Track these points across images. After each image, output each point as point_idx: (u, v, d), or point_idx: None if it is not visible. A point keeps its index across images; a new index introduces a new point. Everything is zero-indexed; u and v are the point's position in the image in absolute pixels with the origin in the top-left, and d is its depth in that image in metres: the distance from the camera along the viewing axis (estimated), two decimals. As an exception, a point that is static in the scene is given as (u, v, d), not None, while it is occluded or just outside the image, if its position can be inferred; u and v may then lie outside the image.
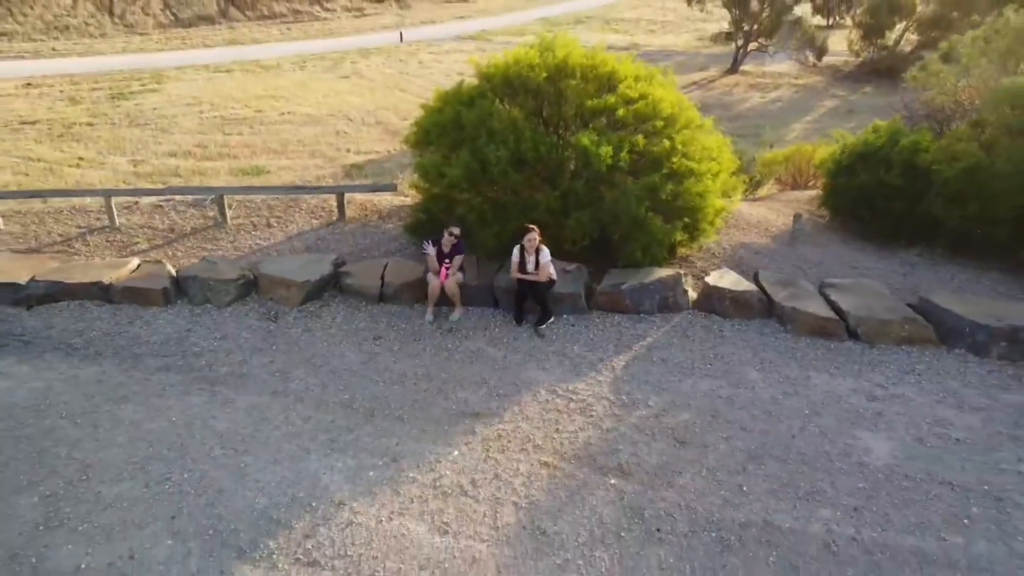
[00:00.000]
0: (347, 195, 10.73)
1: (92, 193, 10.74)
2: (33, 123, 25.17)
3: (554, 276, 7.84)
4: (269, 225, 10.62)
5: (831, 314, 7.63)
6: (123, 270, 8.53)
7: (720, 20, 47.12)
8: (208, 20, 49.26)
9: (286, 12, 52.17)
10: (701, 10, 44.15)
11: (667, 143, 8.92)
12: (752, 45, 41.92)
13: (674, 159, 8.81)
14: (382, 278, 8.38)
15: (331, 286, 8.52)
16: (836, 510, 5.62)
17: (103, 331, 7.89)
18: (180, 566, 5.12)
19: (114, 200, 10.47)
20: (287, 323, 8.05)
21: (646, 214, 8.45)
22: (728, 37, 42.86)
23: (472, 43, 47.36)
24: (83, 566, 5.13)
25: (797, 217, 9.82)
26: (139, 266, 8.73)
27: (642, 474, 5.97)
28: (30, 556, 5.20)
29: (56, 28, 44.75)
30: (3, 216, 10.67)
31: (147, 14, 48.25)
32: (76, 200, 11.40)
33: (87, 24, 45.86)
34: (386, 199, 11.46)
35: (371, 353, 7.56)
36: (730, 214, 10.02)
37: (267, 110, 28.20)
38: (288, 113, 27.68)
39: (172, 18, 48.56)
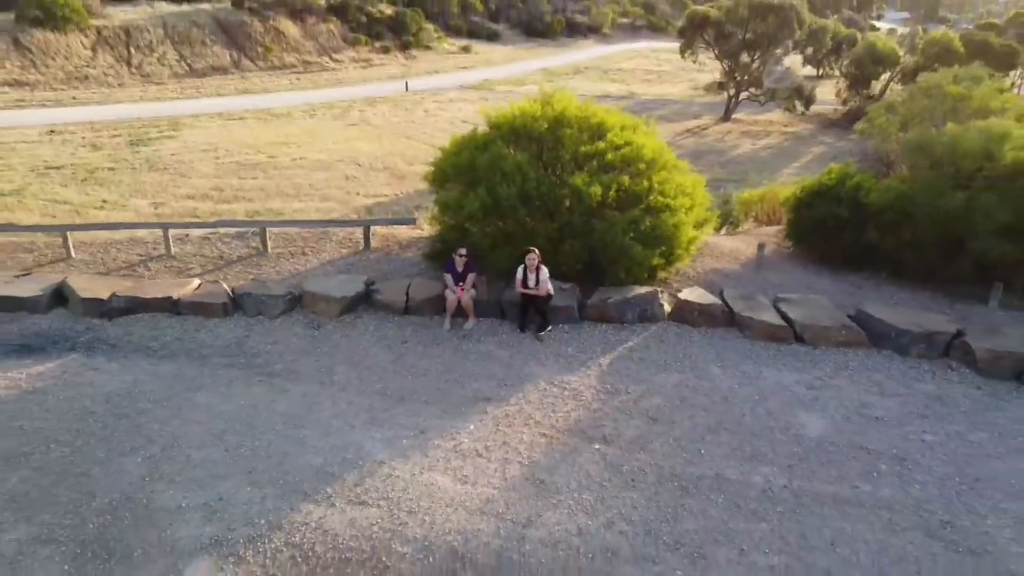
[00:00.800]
0: (372, 228, 12.56)
1: (150, 226, 12.59)
2: (58, 168, 27.26)
3: (551, 291, 9.59)
4: (304, 253, 12.42)
5: (781, 322, 9.35)
6: (187, 288, 10.30)
7: (713, 71, 49.97)
8: (221, 70, 52.12)
9: (296, 63, 55.12)
10: (694, 62, 46.91)
11: (647, 183, 10.78)
12: (744, 95, 44.55)
13: (652, 196, 10.65)
14: (407, 294, 10.14)
15: (363, 301, 10.27)
16: (774, 467, 7.24)
17: (174, 337, 9.60)
18: (259, 506, 6.72)
19: (170, 232, 12.28)
20: (328, 331, 9.77)
21: (629, 242, 10.25)
22: (721, 87, 45.58)
23: (475, 92, 50.08)
24: (183, 505, 6.73)
25: (761, 246, 11.62)
26: (200, 285, 10.50)
27: (621, 442, 7.60)
28: (141, 499, 6.80)
29: (76, 78, 47.45)
30: (73, 246, 12.47)
31: (163, 65, 51.11)
32: (137, 232, 13.22)
33: (106, 74, 48.60)
34: (405, 231, 13.30)
35: (399, 354, 9.26)
36: (704, 243, 11.84)
37: (279, 156, 30.38)
38: (300, 159, 29.85)
39: (187, 68, 51.42)
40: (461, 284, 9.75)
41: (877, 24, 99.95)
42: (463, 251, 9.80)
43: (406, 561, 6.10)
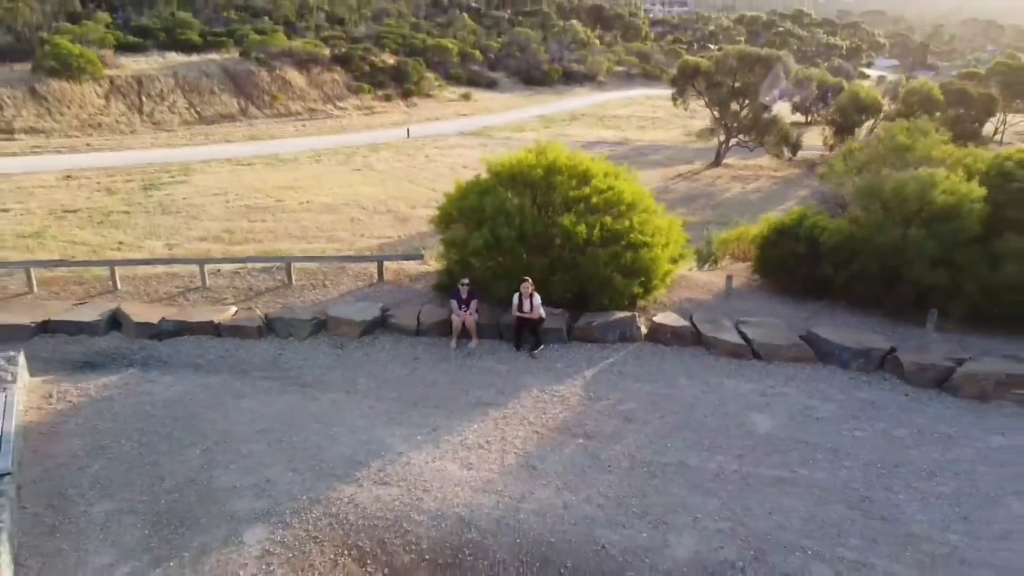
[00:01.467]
0: (385, 263, 14.31)
1: (188, 261, 14.34)
2: (75, 211, 29.13)
3: (543, 315, 11.26)
4: (324, 285, 14.13)
5: (741, 341, 11.01)
6: (226, 314, 11.97)
7: (705, 117, 52.41)
8: (229, 118, 54.65)
9: (301, 110, 57.75)
10: (685, 109, 49.43)
11: (627, 222, 12.56)
12: (734, 140, 46.83)
13: (632, 234, 12.42)
14: (418, 318, 11.82)
15: (380, 325, 11.94)
16: (727, 456, 8.82)
17: (217, 355, 11.24)
18: (300, 486, 8.27)
19: (205, 267, 14.01)
20: (350, 350, 11.42)
21: (611, 274, 11.98)
22: (711, 133, 47.94)
23: (475, 139, 52.44)
24: (236, 486, 8.28)
25: (729, 278, 13.36)
26: (236, 312, 12.18)
27: (601, 437, 9.20)
28: (203, 480, 8.36)
29: (90, 125, 49.86)
30: (119, 280, 14.17)
31: (173, 112, 53.66)
32: (173, 267, 14.95)
33: (118, 122, 51.05)
34: (413, 266, 15.04)
35: (412, 368, 10.89)
36: (679, 276, 13.58)
37: (287, 199, 32.30)
38: (306, 202, 31.78)
39: (196, 116, 53.95)
40: (465, 309, 11.43)
41: (867, 71, 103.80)
42: (466, 281, 11.52)
43: (423, 527, 7.64)
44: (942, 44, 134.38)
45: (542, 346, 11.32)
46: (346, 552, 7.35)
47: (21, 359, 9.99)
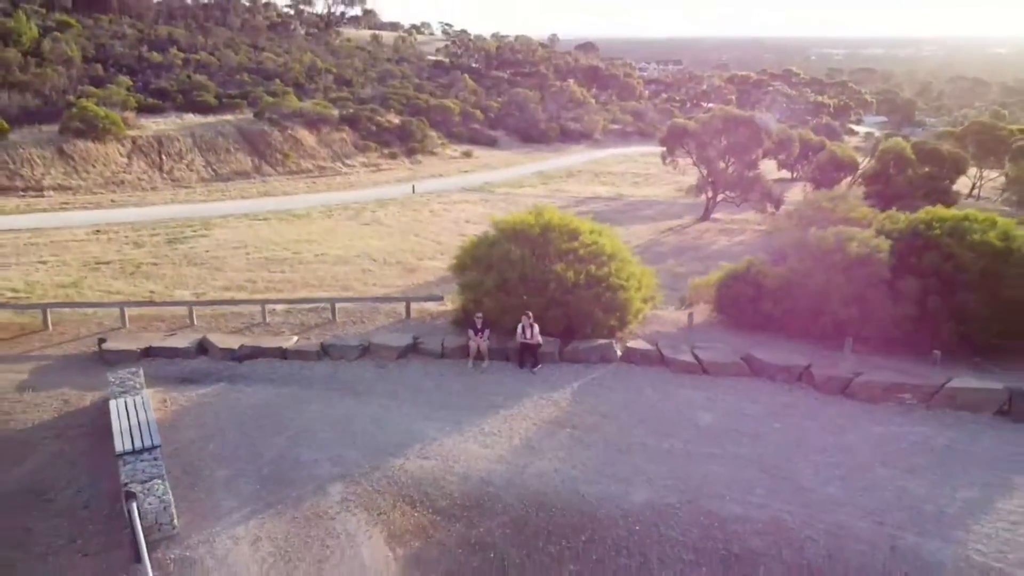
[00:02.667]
0: (412, 303, 17.89)
1: (252, 302, 17.90)
2: (107, 263, 32.79)
3: (541, 341, 14.77)
4: (362, 322, 17.68)
5: (694, 360, 14.50)
6: (289, 342, 15.50)
7: (695, 174, 56.59)
8: (244, 175, 58.97)
9: (312, 168, 62.18)
10: (674, 167, 53.75)
11: (607, 270, 16.20)
12: (720, 196, 50.84)
13: (611, 279, 16.03)
14: (442, 344, 15.33)
15: (412, 350, 15.44)
16: (677, 440, 12.24)
17: (286, 372, 14.71)
18: (363, 459, 11.63)
19: (265, 306, 17.57)
20: (390, 368, 14.90)
21: (594, 311, 15.55)
22: (699, 190, 52.00)
23: (476, 195, 56.57)
24: (317, 459, 11.61)
25: (690, 315, 16.94)
26: (297, 340, 15.70)
27: (583, 428, 12.62)
28: (291, 455, 11.71)
29: (114, 183, 54.10)
30: (195, 317, 17.71)
31: (191, 170, 58.01)
32: (236, 307, 18.50)
33: (140, 179, 55.33)
34: (433, 306, 18.62)
35: (439, 381, 14.36)
36: (653, 314, 17.15)
37: (303, 252, 36.05)
38: (321, 254, 35.49)
39: (213, 173, 58.30)
40: (479, 336, 14.95)
41: (856, 127, 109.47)
42: (480, 315, 15.07)
43: (454, 484, 11.00)
44: (931, 101, 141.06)
45: (540, 365, 14.81)
46: (401, 499, 10.70)
47: (141, 373, 13.44)
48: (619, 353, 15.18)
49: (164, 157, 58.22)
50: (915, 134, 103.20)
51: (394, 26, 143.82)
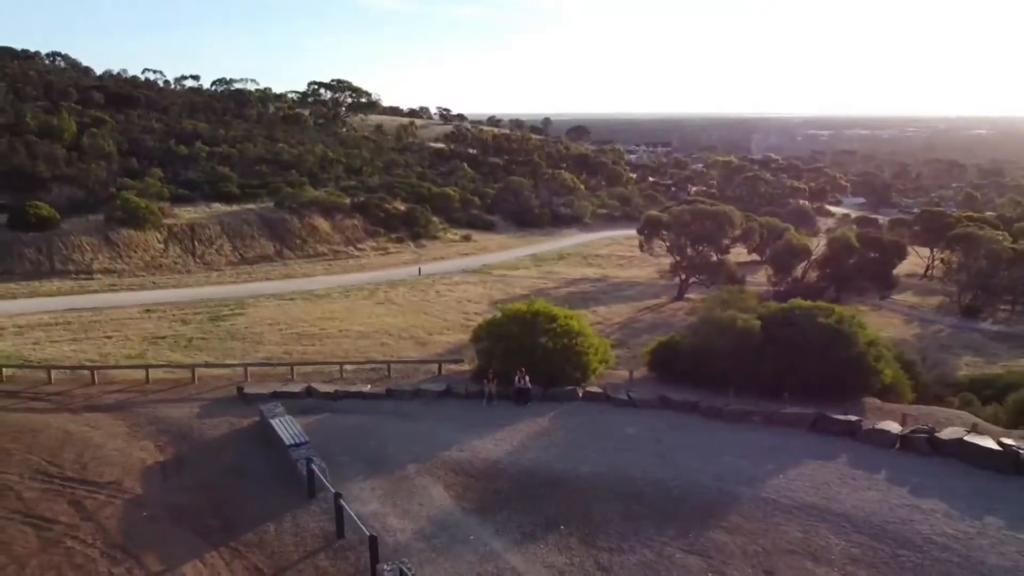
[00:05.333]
0: (442, 365, 27.26)
1: (332, 363, 27.17)
2: (163, 338, 41.99)
3: (530, 387, 24.10)
4: (408, 376, 26.98)
5: (627, 399, 23.86)
6: (365, 388, 24.78)
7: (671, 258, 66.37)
8: (267, 259, 68.94)
9: (327, 252, 72.24)
10: (651, 254, 63.85)
11: (575, 341, 25.69)
12: (692, 280, 60.66)
13: (577, 347, 25.49)
14: (466, 389, 24.67)
15: (446, 393, 24.75)
16: (610, 441, 21.51)
17: (366, 407, 23.97)
18: (423, 453, 20.78)
19: (344, 366, 26.86)
20: (432, 405, 24.19)
21: (565, 368, 24.97)
22: (674, 273, 61.95)
23: (476, 276, 66.40)
24: (397, 452, 20.73)
25: (631, 372, 26.31)
26: (369, 387, 24.96)
27: (555, 436, 21.92)
28: (380, 451, 20.85)
29: (153, 266, 63.92)
30: (295, 373, 26.96)
31: (220, 255, 67.99)
32: (320, 367, 27.78)
33: (175, 263, 65.21)
34: (456, 367, 27.93)
35: (465, 412, 23.67)
36: (608, 372, 26.57)
37: (328, 328, 45.36)
38: (344, 330, 44.80)
39: (239, 257, 68.28)
40: (491, 383, 24.27)
41: (833, 209, 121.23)
42: (491, 370, 24.45)
43: (478, 465, 20.12)
44: (909, 182, 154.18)
45: (529, 402, 24.07)
46: (449, 471, 19.77)
47: (281, 406, 22.61)
48: (580, 395, 24.53)
49: (196, 243, 68.36)
50: (890, 214, 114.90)
51: (394, 110, 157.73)
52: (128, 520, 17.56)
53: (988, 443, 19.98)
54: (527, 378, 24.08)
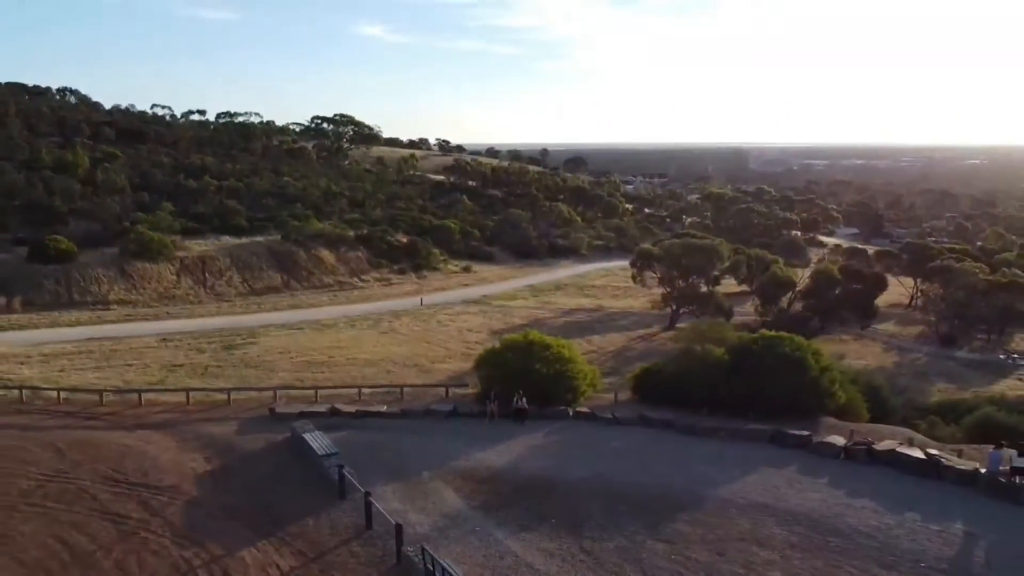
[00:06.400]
0: (450, 388, 31.24)
1: (352, 386, 31.12)
2: (180, 366, 45.80)
3: (527, 407, 28.07)
4: (419, 399, 30.92)
5: (612, 418, 27.88)
6: (382, 408, 28.72)
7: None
8: (274, 289, 72.97)
9: (332, 283, 76.30)
10: (642, 284, 67.92)
11: (566, 367, 29.73)
12: (683, 310, 64.52)
13: (568, 373, 29.52)
14: (471, 410, 28.63)
15: (454, 413, 28.72)
16: (597, 453, 25.48)
17: (383, 425, 27.93)
18: (436, 462, 24.68)
19: (361, 390, 30.83)
20: (442, 423, 28.19)
21: (558, 390, 28.99)
22: (665, 303, 65.85)
23: (476, 306, 70.25)
24: (413, 462, 24.63)
25: (615, 395, 30.28)
26: (386, 407, 28.90)
27: (551, 450, 25.90)
28: (399, 461, 24.79)
29: (166, 297, 67.85)
30: (316, 397, 30.87)
31: (230, 286, 71.99)
32: (340, 390, 31.76)
33: (187, 294, 69.18)
34: (461, 391, 31.88)
35: (471, 429, 27.67)
36: (595, 395, 30.57)
37: (336, 356, 49.14)
38: (351, 358, 48.58)
39: (248, 288, 72.30)
40: (493, 404, 28.23)
41: (826, 240, 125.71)
42: (492, 392, 28.44)
43: (483, 471, 24.05)
44: (902, 212, 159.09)
45: (526, 420, 28.03)
46: (458, 477, 23.69)
47: (310, 423, 26.50)
48: (571, 414, 28.53)
49: (207, 275, 72.45)
50: (882, 244, 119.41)
51: (393, 142, 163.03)
52: (189, 516, 21.41)
53: (916, 453, 23.94)
54: (524, 400, 28.05)
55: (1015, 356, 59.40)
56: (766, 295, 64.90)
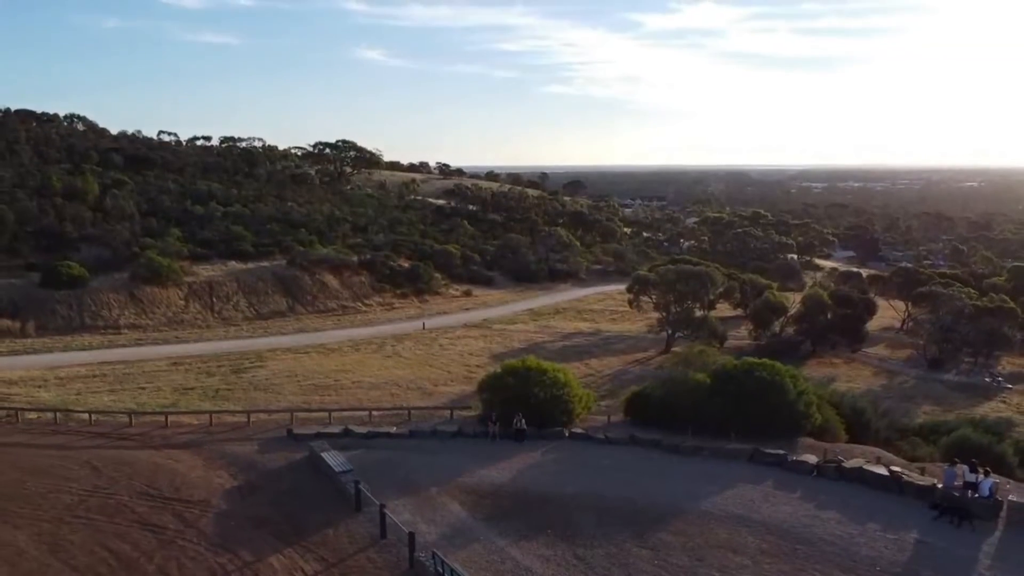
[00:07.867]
0: (454, 411, 33.88)
1: (361, 408, 33.76)
2: (191, 388, 48.38)
3: (526, 428, 30.71)
4: (425, 420, 33.56)
5: (604, 438, 30.52)
6: (391, 429, 31.35)
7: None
8: (280, 314, 75.64)
9: (336, 307, 78.97)
10: (639, 309, 70.59)
11: (562, 391, 32.42)
12: (679, 334, 67.02)
13: (564, 396, 32.21)
14: (474, 430, 31.25)
15: (458, 433, 31.40)
16: (590, 469, 28.03)
17: (393, 444, 30.58)
18: (445, 477, 27.27)
19: (372, 413, 33.48)
20: (447, 442, 30.86)
21: (554, 412, 31.64)
22: (660, 327, 68.37)
23: (477, 330, 72.83)
24: (423, 480, 27.26)
25: (608, 416, 32.91)
26: (395, 428, 31.55)
27: (547, 467, 28.55)
28: (409, 477, 27.40)
29: (175, 321, 70.50)
30: (329, 418, 33.50)
31: (237, 310, 74.65)
32: (349, 412, 34.41)
33: (196, 318, 71.84)
34: (464, 413, 34.51)
35: (474, 448, 30.33)
36: (588, 416, 33.23)
37: (342, 379, 51.70)
38: (356, 381, 51.13)
39: (255, 313, 74.98)
40: (494, 425, 30.87)
41: (822, 262, 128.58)
42: (493, 414, 31.10)
43: (489, 486, 26.66)
44: (899, 235, 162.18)
45: (525, 440, 30.65)
46: (463, 492, 26.31)
47: (326, 443, 29.13)
48: (567, 434, 31.17)
49: (215, 299, 75.19)
50: (878, 267, 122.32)
51: (394, 165, 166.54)
52: (220, 527, 24.01)
53: (880, 470, 26.56)
54: (523, 421, 30.71)
55: (1000, 379, 61.91)
56: (759, 319, 67.53)
